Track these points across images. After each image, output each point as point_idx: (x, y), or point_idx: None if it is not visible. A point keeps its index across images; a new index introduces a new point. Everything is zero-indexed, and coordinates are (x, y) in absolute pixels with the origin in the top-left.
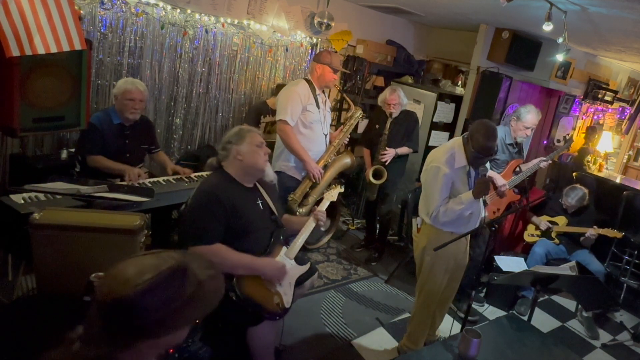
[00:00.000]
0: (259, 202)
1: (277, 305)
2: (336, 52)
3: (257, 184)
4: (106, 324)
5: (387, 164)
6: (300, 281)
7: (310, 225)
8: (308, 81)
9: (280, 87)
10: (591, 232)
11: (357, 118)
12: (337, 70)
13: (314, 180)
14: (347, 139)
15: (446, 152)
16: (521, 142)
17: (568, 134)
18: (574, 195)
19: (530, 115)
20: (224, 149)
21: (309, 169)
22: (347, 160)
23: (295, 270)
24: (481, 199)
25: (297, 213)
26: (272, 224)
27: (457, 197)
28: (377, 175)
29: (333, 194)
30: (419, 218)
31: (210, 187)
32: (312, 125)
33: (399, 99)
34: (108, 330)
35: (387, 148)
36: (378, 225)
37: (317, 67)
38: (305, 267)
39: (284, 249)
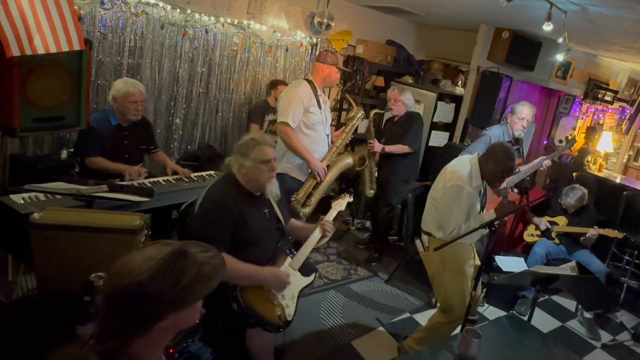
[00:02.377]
0: (266, 210)
1: (278, 318)
2: (336, 52)
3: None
4: (118, 316)
5: (382, 155)
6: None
7: (316, 236)
8: (309, 82)
9: (274, 83)
10: (592, 232)
11: (359, 119)
12: (340, 70)
13: (319, 179)
14: (349, 140)
15: (465, 171)
16: (519, 136)
17: (570, 134)
18: (573, 195)
19: (523, 108)
20: (232, 156)
21: (314, 167)
22: (348, 160)
23: (299, 282)
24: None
25: (301, 213)
26: (278, 233)
27: (479, 215)
28: (361, 161)
29: (342, 204)
30: (424, 237)
31: (219, 195)
32: (315, 127)
33: (399, 96)
34: (120, 322)
35: (374, 140)
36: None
37: (324, 68)
38: (310, 279)
39: (289, 259)
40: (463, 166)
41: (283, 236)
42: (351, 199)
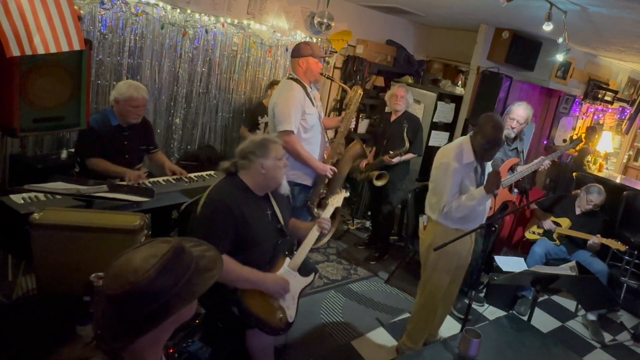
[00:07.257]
0: (268, 212)
1: (280, 321)
2: (309, 42)
3: (268, 193)
4: (125, 316)
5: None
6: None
7: (314, 235)
8: (297, 80)
9: (273, 83)
10: (594, 240)
11: (357, 101)
12: (322, 59)
13: (330, 177)
14: (353, 122)
15: (454, 149)
16: (508, 135)
17: (576, 134)
18: (598, 192)
19: (517, 108)
20: (246, 158)
21: (320, 172)
22: (357, 147)
23: (299, 283)
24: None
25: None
26: (278, 234)
27: (469, 193)
28: (379, 178)
29: (338, 200)
30: (425, 216)
31: (221, 196)
32: (312, 128)
33: (405, 93)
34: (129, 321)
35: (393, 158)
36: (378, 225)
37: (301, 62)
38: (310, 279)
39: (287, 260)
40: (453, 145)
41: (282, 236)
42: (347, 194)
